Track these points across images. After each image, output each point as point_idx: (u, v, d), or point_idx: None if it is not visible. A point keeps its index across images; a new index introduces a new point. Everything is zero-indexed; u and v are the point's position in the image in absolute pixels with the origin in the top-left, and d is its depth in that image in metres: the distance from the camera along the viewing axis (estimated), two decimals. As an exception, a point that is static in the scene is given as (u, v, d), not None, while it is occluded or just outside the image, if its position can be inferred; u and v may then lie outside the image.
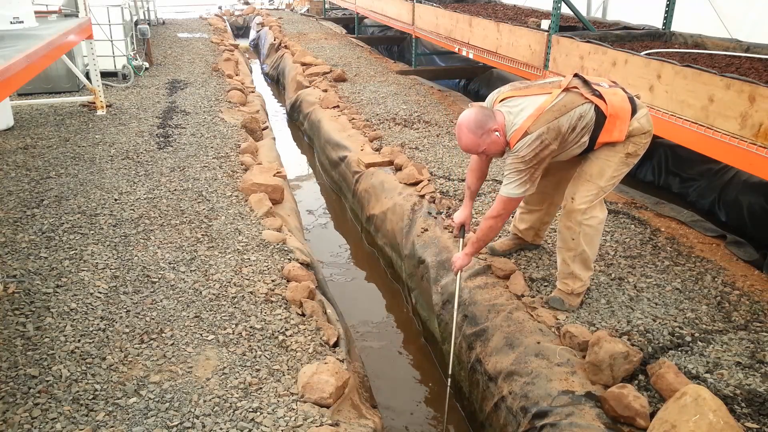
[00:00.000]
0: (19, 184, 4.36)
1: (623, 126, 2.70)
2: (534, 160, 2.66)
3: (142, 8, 11.31)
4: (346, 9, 14.50)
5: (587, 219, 2.83)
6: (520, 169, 2.69)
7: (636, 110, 2.73)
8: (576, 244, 2.88)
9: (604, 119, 2.68)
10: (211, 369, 2.57)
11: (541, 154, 2.65)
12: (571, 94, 2.71)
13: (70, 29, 4.93)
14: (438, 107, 6.82)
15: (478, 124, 2.69)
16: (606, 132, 2.71)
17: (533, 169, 2.69)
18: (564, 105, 2.67)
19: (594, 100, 2.69)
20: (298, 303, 3.08)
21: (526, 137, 2.63)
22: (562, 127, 2.65)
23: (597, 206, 2.85)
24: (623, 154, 2.77)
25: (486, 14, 7.43)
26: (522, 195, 2.77)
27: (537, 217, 3.38)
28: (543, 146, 2.63)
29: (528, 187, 2.74)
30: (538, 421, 2.43)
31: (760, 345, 2.73)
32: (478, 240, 2.97)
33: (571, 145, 2.74)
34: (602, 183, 2.80)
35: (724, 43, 5.33)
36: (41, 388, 2.39)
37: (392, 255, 4.40)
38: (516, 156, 2.68)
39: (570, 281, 2.96)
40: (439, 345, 3.46)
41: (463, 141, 2.76)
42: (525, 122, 2.65)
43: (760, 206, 4.65)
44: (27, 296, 2.98)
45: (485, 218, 2.91)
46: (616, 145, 2.75)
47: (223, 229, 3.80)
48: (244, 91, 7.37)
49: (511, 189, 2.75)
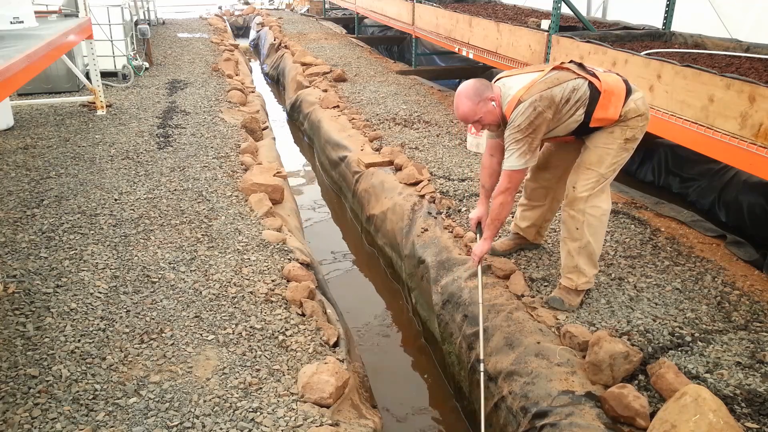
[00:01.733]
0: (19, 184, 4.36)
1: (618, 103, 2.75)
2: (530, 129, 2.71)
3: (142, 8, 11.31)
4: (346, 9, 14.49)
5: (590, 207, 2.86)
6: (517, 138, 2.74)
7: (631, 92, 2.79)
8: (580, 234, 2.89)
9: (599, 95, 2.74)
10: (211, 369, 2.57)
11: (536, 122, 2.70)
12: (563, 71, 2.79)
13: (70, 29, 4.93)
14: (438, 107, 6.82)
15: (475, 92, 2.80)
16: (601, 108, 2.75)
17: (531, 138, 2.73)
18: (557, 78, 2.76)
19: (587, 77, 2.77)
20: (298, 303, 3.08)
21: (519, 105, 2.71)
22: (555, 96, 2.71)
23: (600, 195, 2.87)
24: (621, 140, 2.80)
25: (486, 14, 7.43)
26: (524, 166, 2.79)
27: (539, 213, 3.38)
28: (536, 113, 2.69)
29: (528, 158, 2.77)
30: (538, 421, 2.43)
31: (760, 345, 2.73)
32: (492, 221, 2.99)
33: (566, 117, 2.78)
34: (602, 170, 2.83)
35: (724, 43, 5.33)
36: (41, 388, 2.39)
37: (392, 255, 4.40)
38: (512, 126, 2.74)
39: (574, 276, 2.96)
40: (439, 345, 3.46)
41: (460, 108, 2.83)
42: (518, 92, 2.75)
43: (760, 206, 4.65)
44: (27, 296, 2.98)
45: (494, 196, 2.95)
46: (614, 131, 2.79)
47: (223, 229, 3.80)
48: (244, 91, 7.37)
49: (513, 161, 2.79)
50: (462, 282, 3.37)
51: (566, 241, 2.97)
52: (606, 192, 2.91)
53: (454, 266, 3.54)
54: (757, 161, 3.34)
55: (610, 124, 2.78)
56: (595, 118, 2.77)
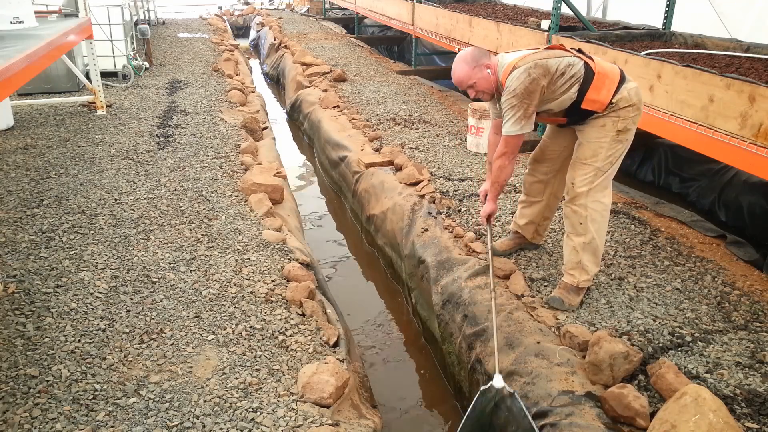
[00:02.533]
0: (19, 184, 4.36)
1: (611, 86, 2.80)
2: (525, 94, 2.74)
3: (142, 8, 11.31)
4: (346, 9, 14.49)
5: (592, 202, 2.89)
6: (513, 104, 2.77)
7: (624, 80, 2.85)
8: (585, 229, 2.91)
9: (593, 75, 2.80)
10: (211, 369, 2.57)
11: (531, 87, 2.74)
12: (560, 50, 2.88)
13: (70, 29, 4.93)
14: (438, 107, 6.82)
15: (473, 57, 2.89)
16: (594, 89, 2.80)
17: (526, 104, 2.76)
18: (552, 53, 2.84)
19: (583, 58, 2.84)
20: (298, 303, 3.08)
21: (514, 71, 2.76)
22: (551, 66, 2.77)
23: (600, 190, 2.90)
24: (613, 132, 2.84)
25: (486, 14, 7.43)
26: (520, 132, 2.82)
27: (538, 210, 3.38)
28: (531, 79, 2.73)
29: (524, 123, 2.80)
30: (538, 421, 2.43)
31: (760, 345, 2.73)
32: (493, 183, 3.03)
33: (560, 92, 2.82)
34: (598, 164, 2.87)
35: (724, 43, 5.33)
36: (41, 388, 2.39)
37: (392, 255, 4.40)
38: (508, 91, 2.78)
39: (577, 272, 2.97)
40: (439, 345, 3.46)
41: (457, 72, 2.91)
42: (513, 60, 2.82)
43: (760, 206, 4.65)
44: (27, 296, 2.98)
45: (493, 160, 2.99)
46: (605, 123, 2.83)
47: (223, 229, 3.80)
48: (244, 91, 7.37)
49: (509, 127, 2.82)
50: (462, 282, 3.37)
51: (571, 236, 2.98)
52: (608, 188, 2.94)
53: (454, 266, 3.54)
54: (757, 161, 3.34)
55: (601, 110, 2.82)
56: (588, 99, 2.81)
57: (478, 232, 3.81)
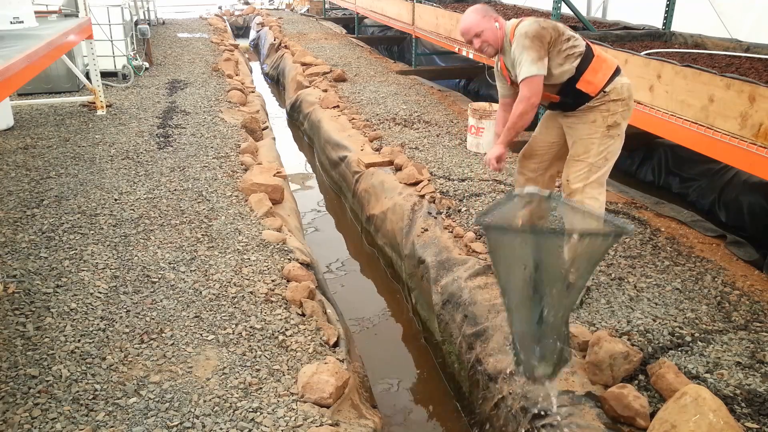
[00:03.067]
0: (19, 184, 4.36)
1: (607, 72, 2.86)
2: (536, 36, 2.79)
3: (142, 8, 11.31)
4: (346, 9, 14.49)
5: (588, 198, 2.92)
6: (526, 45, 2.79)
7: (619, 73, 2.91)
8: None
9: (593, 57, 2.87)
10: (211, 369, 2.57)
11: (542, 33, 2.80)
12: None
13: (70, 29, 4.93)
14: (438, 107, 6.82)
15: (483, 8, 2.96)
16: (592, 70, 2.84)
17: (538, 45, 2.79)
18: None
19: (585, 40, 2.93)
20: (298, 303, 3.08)
21: (524, 21, 2.89)
22: (559, 26, 2.87)
23: (595, 187, 2.93)
24: (604, 128, 2.88)
25: (486, 14, 7.41)
26: (538, 73, 2.78)
27: (528, 210, 3.38)
28: (541, 27, 2.81)
29: (539, 64, 2.79)
30: (538, 421, 2.43)
31: (760, 345, 2.73)
32: (509, 127, 2.97)
33: (563, 57, 2.84)
34: (591, 159, 2.91)
35: (724, 43, 5.33)
36: (41, 388, 2.39)
37: (392, 255, 4.40)
38: (519, 36, 2.83)
39: None
40: (439, 345, 3.46)
41: (466, 21, 2.96)
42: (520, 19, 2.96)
43: (760, 206, 4.65)
44: (27, 296, 2.98)
45: (515, 106, 2.92)
46: (596, 119, 2.88)
47: (223, 229, 3.80)
48: (244, 91, 7.37)
49: (527, 69, 2.80)
50: (462, 282, 3.37)
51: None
52: (603, 185, 2.97)
53: (454, 266, 3.54)
54: (757, 161, 3.34)
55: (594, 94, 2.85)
56: (584, 79, 2.85)
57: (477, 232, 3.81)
